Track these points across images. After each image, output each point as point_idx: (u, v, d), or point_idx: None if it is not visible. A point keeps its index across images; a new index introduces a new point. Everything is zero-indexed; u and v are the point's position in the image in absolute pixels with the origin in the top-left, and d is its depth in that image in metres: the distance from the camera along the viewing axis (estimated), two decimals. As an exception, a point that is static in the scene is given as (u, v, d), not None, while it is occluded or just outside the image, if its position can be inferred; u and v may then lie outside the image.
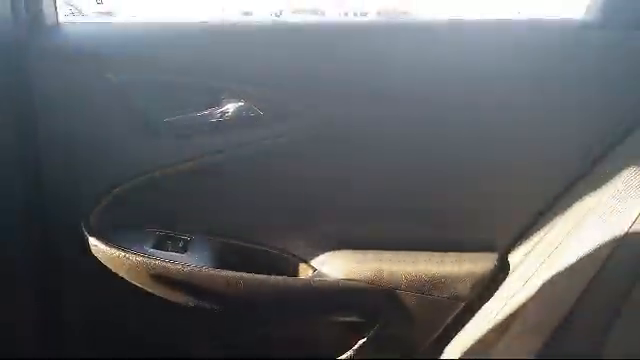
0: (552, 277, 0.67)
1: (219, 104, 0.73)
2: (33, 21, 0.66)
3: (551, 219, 0.73)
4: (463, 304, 0.76)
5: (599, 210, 0.65)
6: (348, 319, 0.78)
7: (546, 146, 0.73)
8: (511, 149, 0.74)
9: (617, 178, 0.65)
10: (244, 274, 0.72)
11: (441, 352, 0.76)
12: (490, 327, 0.72)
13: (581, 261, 0.64)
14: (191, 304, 0.74)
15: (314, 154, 0.74)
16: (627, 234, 0.62)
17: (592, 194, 0.68)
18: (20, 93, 0.64)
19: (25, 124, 0.66)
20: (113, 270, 0.72)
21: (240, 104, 0.73)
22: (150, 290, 0.74)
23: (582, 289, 0.64)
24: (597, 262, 0.63)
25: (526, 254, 0.74)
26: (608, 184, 0.66)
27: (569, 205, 0.71)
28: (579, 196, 0.70)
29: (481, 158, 0.75)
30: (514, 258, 0.76)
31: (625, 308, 0.62)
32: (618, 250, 0.62)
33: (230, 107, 0.73)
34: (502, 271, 0.76)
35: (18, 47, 0.63)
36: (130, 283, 0.74)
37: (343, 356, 0.79)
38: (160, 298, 0.75)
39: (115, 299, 0.78)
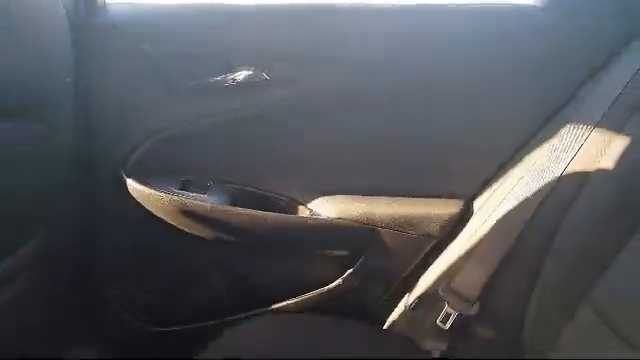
0: (499, 220, 0.82)
1: (232, 71, 0.89)
2: (87, 3, 0.81)
3: (507, 171, 0.88)
4: (434, 241, 0.92)
5: (538, 164, 0.80)
6: (338, 252, 0.94)
7: (506, 108, 0.88)
8: (476, 110, 0.88)
9: (555, 137, 0.80)
10: (254, 211, 0.89)
11: (416, 282, 0.92)
12: (454, 260, 0.88)
13: (515, 211, 0.79)
14: (210, 236, 0.91)
15: (310, 115, 0.89)
16: (553, 189, 0.77)
17: (537, 150, 0.83)
18: (78, 61, 0.79)
19: (81, 88, 0.82)
20: (147, 207, 0.89)
21: (249, 72, 0.89)
22: (177, 224, 0.91)
23: (516, 236, 0.80)
24: (526, 215, 0.78)
25: (487, 199, 0.89)
26: (549, 142, 0.81)
27: (520, 160, 0.86)
28: (527, 152, 0.85)
29: (449, 119, 0.89)
30: (477, 203, 0.91)
31: (549, 258, 0.77)
32: (543, 205, 0.77)
33: (241, 74, 0.89)
34: (467, 214, 0.91)
35: (76, 24, 0.78)
36: (160, 221, 0.91)
37: (332, 284, 0.96)
38: (183, 235, 0.92)
39: (147, 237, 0.95)
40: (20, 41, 0.63)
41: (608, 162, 0.74)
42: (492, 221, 0.84)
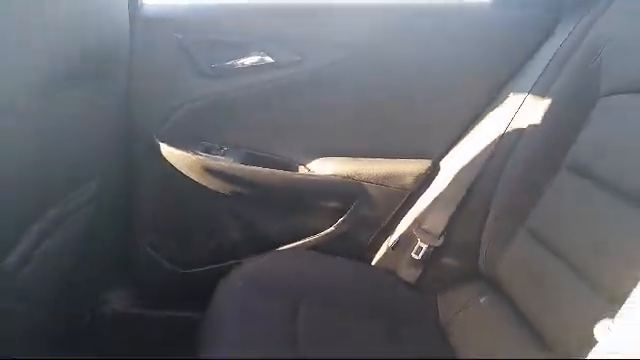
0: (457, 173, 1.05)
1: (245, 56, 1.11)
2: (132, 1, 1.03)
3: (466, 135, 1.10)
4: (409, 192, 1.13)
5: (488, 126, 1.03)
6: (331, 203, 1.16)
7: (466, 85, 1.11)
8: (442, 88, 1.11)
9: (502, 105, 1.03)
10: (262, 169, 1.10)
11: (396, 226, 1.14)
12: (425, 207, 1.10)
13: (470, 164, 1.02)
14: (227, 191, 1.12)
15: (307, 90, 1.12)
16: (498, 144, 1.00)
17: (488, 115, 1.06)
18: (129, 45, 1.00)
19: (126, 65, 1.02)
20: (176, 166, 1.10)
21: (259, 56, 1.11)
22: (200, 181, 1.11)
23: (470, 183, 1.02)
24: (478, 166, 1.01)
25: (450, 158, 1.12)
26: (497, 109, 1.04)
27: (476, 125, 1.08)
28: (482, 118, 1.08)
29: (421, 95, 1.12)
30: (443, 162, 1.13)
31: (496, 196, 0.99)
32: (491, 158, 1.00)
33: (253, 58, 1.11)
34: (434, 170, 1.13)
35: (127, 18, 0.99)
36: (186, 179, 1.11)
37: (327, 230, 1.17)
38: (205, 190, 1.12)
39: (175, 192, 1.15)
40: (93, 26, 0.83)
41: (537, 119, 0.97)
42: (452, 174, 1.07)
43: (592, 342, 0.55)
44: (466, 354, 0.93)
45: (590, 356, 0.54)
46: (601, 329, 0.56)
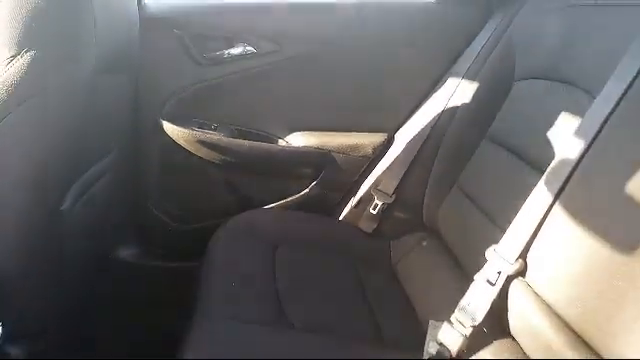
0: (407, 142, 1.28)
1: (232, 47, 1.32)
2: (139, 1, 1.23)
3: (418, 110, 1.34)
4: (369, 160, 1.37)
5: (435, 103, 1.27)
6: (305, 170, 1.39)
7: (419, 72, 1.34)
8: (399, 72, 1.34)
9: (446, 85, 1.27)
10: (248, 141, 1.33)
11: (358, 188, 1.38)
12: (381, 172, 1.34)
13: (417, 134, 1.26)
14: (218, 160, 1.35)
15: (285, 75, 1.34)
16: (440, 114, 1.24)
17: (435, 94, 1.30)
18: (139, 40, 1.21)
19: (136, 57, 1.23)
20: (176, 140, 1.32)
21: (243, 47, 1.33)
22: (196, 152, 1.34)
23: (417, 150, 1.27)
24: (423, 134, 1.25)
25: (403, 130, 1.35)
26: (444, 86, 1.28)
27: (425, 102, 1.32)
28: (430, 97, 1.31)
29: (380, 78, 1.35)
30: (397, 134, 1.37)
31: (437, 160, 1.24)
32: (435, 127, 1.24)
33: (238, 49, 1.33)
34: (390, 141, 1.37)
35: (137, 18, 1.20)
36: (185, 150, 1.34)
37: (302, 192, 1.40)
38: (201, 160, 1.35)
39: (176, 161, 1.37)
40: (118, 25, 1.03)
41: (467, 99, 1.22)
42: (403, 144, 1.31)
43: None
44: (410, 287, 1.18)
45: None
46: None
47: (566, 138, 0.84)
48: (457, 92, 1.25)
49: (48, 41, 0.71)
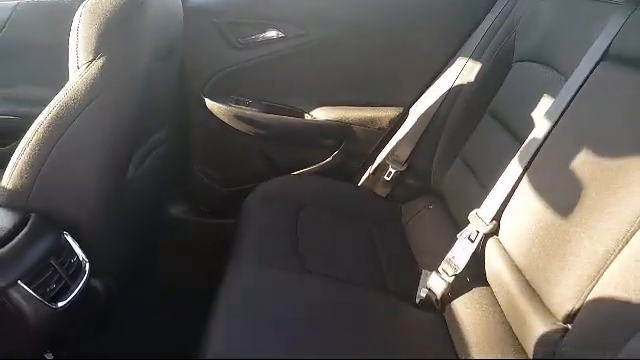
0: (420, 115, 1.44)
1: (264, 32, 1.50)
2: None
3: (430, 87, 1.48)
4: (385, 132, 1.54)
5: (445, 78, 1.41)
6: (328, 141, 1.57)
7: (431, 53, 1.48)
8: (412, 51, 1.48)
9: (455, 64, 1.40)
10: (278, 116, 1.52)
11: (375, 157, 1.54)
12: (395, 142, 1.50)
13: (429, 108, 1.41)
14: (252, 132, 1.55)
15: (310, 56, 1.51)
16: (451, 88, 1.38)
17: (447, 71, 1.43)
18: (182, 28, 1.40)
19: (179, 44, 1.43)
20: (216, 115, 1.52)
21: (274, 32, 1.50)
22: (233, 125, 1.54)
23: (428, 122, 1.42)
24: (433, 109, 1.40)
25: (417, 105, 1.50)
26: (453, 65, 1.41)
27: (437, 79, 1.46)
28: (442, 73, 1.45)
29: (396, 57, 1.49)
30: (412, 110, 1.52)
31: (443, 132, 1.38)
32: (444, 100, 1.38)
33: (270, 33, 1.50)
34: (405, 115, 1.52)
35: (179, 8, 1.38)
36: (224, 124, 1.54)
37: (325, 161, 1.59)
38: (237, 132, 1.55)
39: (216, 133, 1.58)
40: (167, 19, 1.22)
41: (473, 77, 1.35)
42: (415, 118, 1.46)
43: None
44: (416, 242, 1.35)
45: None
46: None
47: (540, 116, 0.99)
48: (464, 71, 1.38)
49: (115, 47, 0.91)
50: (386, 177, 1.49)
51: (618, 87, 0.83)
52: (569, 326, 0.73)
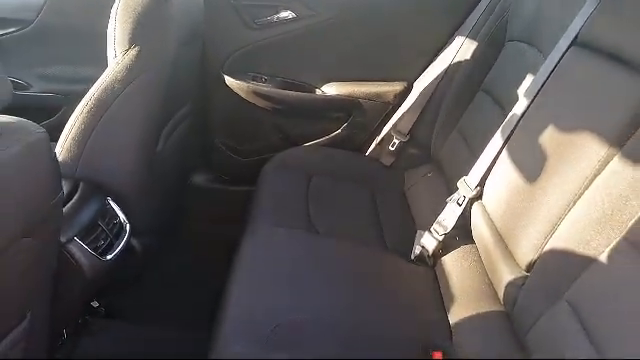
0: (423, 89, 1.55)
1: (279, 13, 1.62)
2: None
3: (431, 63, 1.59)
4: (390, 106, 1.66)
5: (445, 56, 1.52)
6: (337, 114, 1.70)
7: (430, 34, 1.58)
8: (411, 34, 1.59)
9: (454, 43, 1.50)
10: (292, 92, 1.65)
11: (381, 129, 1.67)
12: (400, 116, 1.62)
13: (431, 82, 1.52)
14: (269, 107, 1.69)
15: (320, 35, 1.62)
16: (450, 64, 1.49)
17: (445, 51, 1.54)
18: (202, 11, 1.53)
19: (200, 27, 1.56)
20: (235, 91, 1.66)
21: (286, 13, 1.61)
22: (251, 100, 1.68)
23: (430, 95, 1.53)
24: (435, 83, 1.51)
25: (419, 80, 1.61)
26: (453, 44, 1.51)
27: (437, 57, 1.57)
28: (442, 52, 1.56)
29: (401, 38, 1.60)
30: (415, 83, 1.63)
31: (444, 99, 1.50)
32: (445, 75, 1.50)
33: (282, 14, 1.62)
34: (409, 89, 1.64)
35: None
36: (241, 99, 1.68)
37: (335, 132, 1.72)
38: (255, 107, 1.69)
39: (235, 107, 1.72)
40: (189, 4, 1.35)
41: (469, 55, 1.46)
42: (418, 92, 1.58)
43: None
44: (415, 206, 1.49)
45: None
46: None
47: (522, 93, 1.11)
48: (462, 49, 1.49)
49: (147, 38, 1.06)
50: (390, 147, 1.62)
51: (582, 71, 0.95)
52: (529, 274, 0.88)
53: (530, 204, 0.91)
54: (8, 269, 0.72)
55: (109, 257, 1.05)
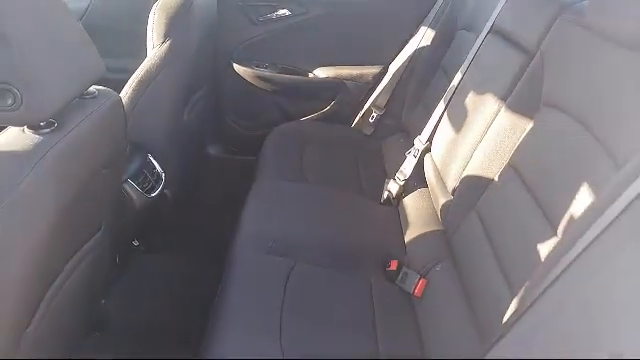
0: (396, 70, 1.90)
1: (277, 11, 1.97)
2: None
3: (402, 49, 1.93)
4: (370, 86, 2.01)
5: (412, 43, 1.87)
6: (326, 94, 2.05)
7: (402, 24, 1.92)
8: (384, 24, 1.93)
9: (429, 31, 1.85)
10: (288, 75, 2.01)
11: (363, 105, 2.02)
12: (377, 94, 1.97)
13: (402, 63, 1.87)
14: (269, 89, 2.04)
15: (312, 28, 1.97)
16: (421, 48, 1.84)
17: (414, 38, 1.88)
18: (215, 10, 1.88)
19: (214, 23, 1.91)
20: (242, 76, 2.02)
21: (284, 10, 1.96)
22: (255, 84, 2.03)
23: (400, 76, 1.88)
24: (406, 63, 1.86)
25: (394, 62, 1.96)
26: (418, 33, 1.86)
27: (408, 42, 1.91)
28: (411, 38, 1.90)
29: (376, 26, 1.95)
30: (391, 67, 1.98)
31: (412, 76, 1.85)
32: (416, 55, 1.84)
33: (281, 12, 1.97)
34: (385, 72, 1.98)
35: None
36: (247, 81, 2.03)
37: (325, 109, 2.07)
38: (258, 89, 2.04)
39: (242, 89, 2.08)
40: (207, 6, 1.70)
41: (436, 40, 1.80)
42: (392, 72, 1.93)
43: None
44: (387, 162, 1.84)
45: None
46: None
47: (462, 70, 1.46)
48: (424, 37, 1.84)
49: (177, 33, 1.41)
50: (370, 120, 1.98)
51: (489, 51, 1.30)
52: (453, 197, 1.24)
53: (456, 148, 1.27)
54: (94, 189, 1.08)
55: (152, 195, 1.41)
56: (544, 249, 0.84)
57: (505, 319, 0.75)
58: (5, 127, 0.83)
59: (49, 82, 0.77)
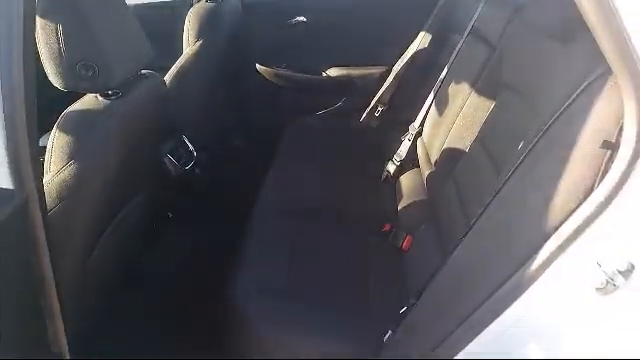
0: (400, 68, 2.15)
1: (295, 18, 2.24)
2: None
3: (406, 50, 2.18)
4: (377, 83, 2.25)
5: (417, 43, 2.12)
6: (339, 90, 2.31)
7: (408, 24, 2.18)
8: (394, 23, 2.19)
9: (427, 35, 2.09)
10: (301, 74, 2.28)
11: (370, 101, 2.27)
12: (382, 90, 2.22)
13: (405, 61, 2.12)
14: (285, 85, 2.31)
15: (323, 28, 2.25)
16: (414, 54, 2.09)
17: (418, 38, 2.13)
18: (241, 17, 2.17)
19: (240, 29, 2.20)
20: (263, 74, 2.29)
21: (302, 17, 2.24)
22: (274, 81, 2.31)
23: (402, 74, 2.12)
24: (407, 62, 2.11)
25: (397, 63, 2.21)
26: (425, 36, 2.11)
27: (411, 41, 2.16)
28: (414, 40, 2.15)
29: (382, 30, 2.20)
30: (395, 67, 2.22)
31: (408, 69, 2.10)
32: (415, 56, 2.09)
33: (299, 19, 2.24)
34: (389, 71, 2.23)
35: (238, 4, 2.15)
36: (266, 79, 2.31)
37: (336, 105, 2.33)
38: (275, 85, 2.32)
39: (262, 86, 2.35)
40: (233, 13, 2.00)
41: (428, 43, 2.05)
42: (396, 71, 2.17)
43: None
44: (388, 149, 2.06)
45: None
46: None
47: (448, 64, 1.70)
48: (422, 41, 2.08)
49: (207, 35, 1.70)
50: (376, 114, 2.22)
51: (466, 47, 1.54)
52: (435, 168, 1.48)
53: (438, 128, 1.51)
54: (141, 156, 1.35)
55: (186, 168, 1.68)
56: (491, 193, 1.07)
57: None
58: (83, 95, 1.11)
59: (118, 60, 1.05)
